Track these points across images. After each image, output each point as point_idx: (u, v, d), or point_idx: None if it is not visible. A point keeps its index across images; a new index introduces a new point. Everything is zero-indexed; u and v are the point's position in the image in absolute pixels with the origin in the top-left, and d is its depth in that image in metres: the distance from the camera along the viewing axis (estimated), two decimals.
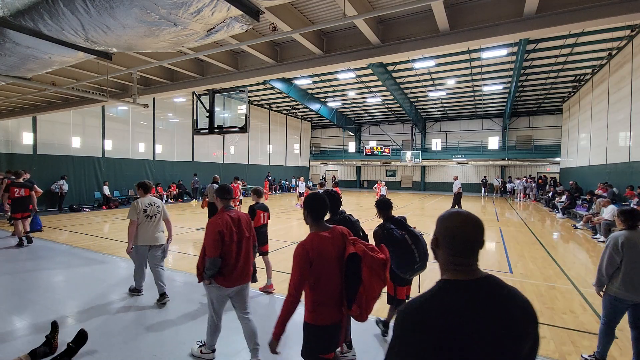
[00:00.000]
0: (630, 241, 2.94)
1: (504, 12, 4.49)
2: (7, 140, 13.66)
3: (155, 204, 4.66)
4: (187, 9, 3.02)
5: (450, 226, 1.11)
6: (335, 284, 2.12)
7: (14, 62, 4.65)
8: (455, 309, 1.00)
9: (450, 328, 0.97)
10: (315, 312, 2.13)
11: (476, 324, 0.98)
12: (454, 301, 1.02)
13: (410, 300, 1.07)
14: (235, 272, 3.03)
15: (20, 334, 3.62)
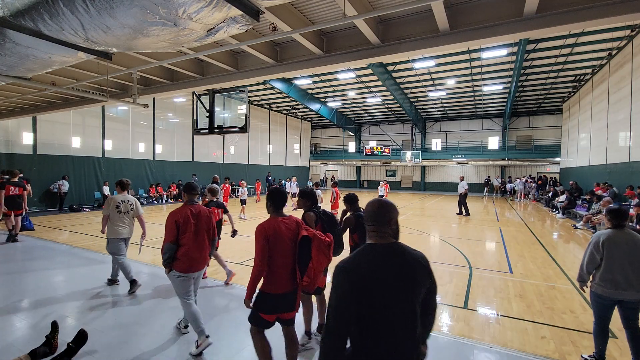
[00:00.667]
0: (611, 240, 3.00)
1: (504, 12, 4.49)
2: (7, 140, 13.66)
3: (129, 202, 5.01)
4: (187, 9, 3.02)
5: (372, 208, 1.62)
6: (289, 260, 2.65)
7: (14, 62, 4.65)
8: (372, 261, 1.49)
9: (369, 273, 1.45)
10: (270, 283, 2.64)
11: (386, 270, 1.47)
12: (371, 257, 1.51)
13: (343, 259, 1.52)
14: (193, 260, 3.42)
15: (20, 334, 3.62)
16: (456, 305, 4.62)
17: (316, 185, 10.09)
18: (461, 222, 12.45)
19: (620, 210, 3.08)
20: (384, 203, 1.63)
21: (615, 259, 2.96)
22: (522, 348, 3.47)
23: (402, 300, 1.46)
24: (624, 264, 2.93)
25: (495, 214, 15.22)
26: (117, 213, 4.86)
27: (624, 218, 3.06)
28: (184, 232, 3.38)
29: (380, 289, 1.44)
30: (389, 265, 1.49)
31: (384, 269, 1.48)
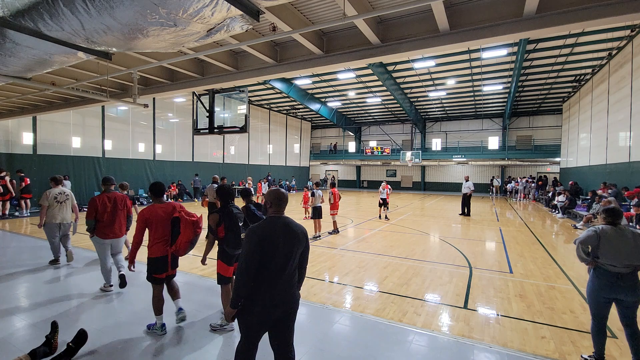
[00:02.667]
0: (606, 233, 3.07)
1: (504, 12, 4.49)
2: (7, 140, 13.65)
3: (65, 193, 6.15)
4: (187, 9, 3.02)
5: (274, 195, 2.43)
6: (164, 233, 3.63)
7: (14, 62, 4.64)
8: (270, 227, 2.30)
9: (268, 234, 2.26)
10: (151, 250, 3.63)
11: (278, 233, 2.28)
12: (270, 224, 2.32)
13: (254, 225, 2.33)
14: (109, 230, 4.88)
15: (20, 334, 3.62)
16: (456, 305, 4.62)
17: (316, 185, 10.09)
18: (461, 222, 12.45)
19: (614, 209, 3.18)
20: (282, 192, 2.47)
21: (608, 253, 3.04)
22: (522, 348, 3.47)
23: (285, 252, 2.30)
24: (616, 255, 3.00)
25: (495, 214, 15.22)
26: (56, 203, 5.97)
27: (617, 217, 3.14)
28: (102, 212, 4.80)
29: (273, 244, 2.26)
30: (280, 230, 2.31)
31: (277, 232, 2.30)
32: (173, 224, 3.61)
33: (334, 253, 7.42)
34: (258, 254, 2.21)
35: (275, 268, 2.25)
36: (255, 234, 2.25)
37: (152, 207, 3.64)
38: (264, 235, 2.25)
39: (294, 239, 2.33)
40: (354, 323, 3.98)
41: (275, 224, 2.33)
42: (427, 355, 3.29)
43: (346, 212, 14.76)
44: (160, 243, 3.61)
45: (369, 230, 10.44)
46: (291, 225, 2.38)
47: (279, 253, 2.26)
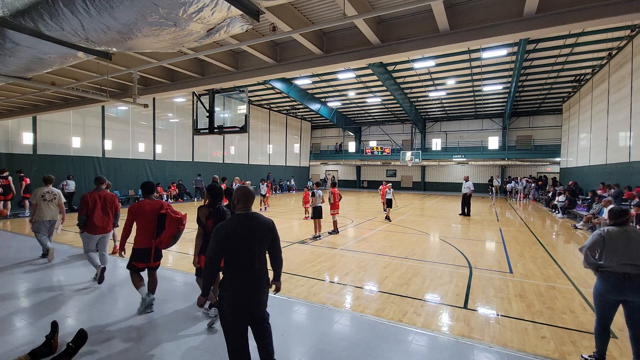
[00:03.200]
0: (611, 235, 3.07)
1: (504, 12, 4.49)
2: (7, 140, 13.65)
3: (52, 192, 6.36)
4: (187, 9, 3.02)
5: (241, 192, 2.59)
6: (150, 227, 4.01)
7: (14, 62, 4.64)
8: (238, 222, 2.48)
9: (233, 229, 2.43)
10: (137, 241, 3.98)
11: (242, 228, 2.46)
12: (236, 221, 2.49)
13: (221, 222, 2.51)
14: (97, 227, 5.12)
15: (20, 334, 3.62)
16: (456, 305, 4.62)
17: (316, 185, 10.09)
18: (461, 222, 12.45)
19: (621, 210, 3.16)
20: (248, 190, 2.63)
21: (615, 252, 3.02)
22: (522, 348, 3.47)
23: (253, 244, 2.49)
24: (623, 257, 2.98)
25: (495, 214, 15.22)
26: (43, 201, 6.21)
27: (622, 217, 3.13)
28: (93, 209, 5.07)
29: (237, 239, 2.45)
30: (245, 226, 2.49)
31: (241, 227, 2.48)
32: (159, 220, 4.03)
33: (334, 253, 7.42)
34: (224, 248, 2.43)
35: (243, 259, 2.47)
36: (222, 229, 2.45)
37: (140, 203, 4.05)
38: (231, 231, 2.45)
39: (261, 232, 2.54)
40: (354, 323, 3.98)
41: (243, 220, 2.53)
42: (427, 355, 3.29)
43: (346, 212, 14.76)
44: (146, 236, 3.99)
45: (369, 230, 10.44)
46: (258, 219, 2.57)
47: (246, 246, 2.47)
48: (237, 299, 2.44)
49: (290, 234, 9.79)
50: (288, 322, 4.00)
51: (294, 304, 4.50)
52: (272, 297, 4.72)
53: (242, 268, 2.46)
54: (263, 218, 2.60)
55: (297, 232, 10.10)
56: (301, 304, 4.49)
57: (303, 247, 8.01)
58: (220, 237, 2.41)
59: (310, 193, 9.68)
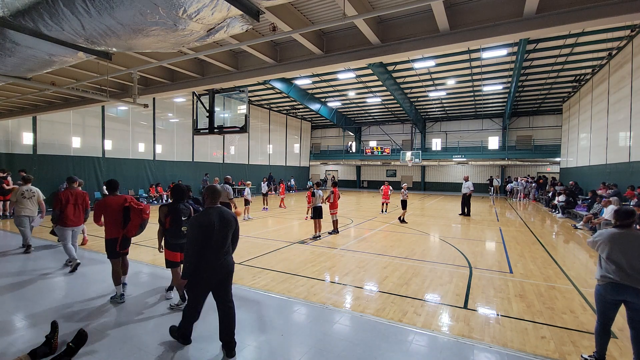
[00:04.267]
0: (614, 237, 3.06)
1: (504, 12, 4.50)
2: (7, 140, 13.65)
3: (31, 190, 6.99)
4: (187, 9, 3.02)
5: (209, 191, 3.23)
6: (118, 219, 4.52)
7: (14, 62, 4.64)
8: (208, 214, 3.11)
9: (206, 220, 3.07)
10: (107, 232, 4.54)
11: (214, 219, 3.10)
12: (208, 213, 3.12)
13: (196, 214, 3.25)
14: (69, 220, 5.81)
15: (20, 334, 3.62)
16: (456, 305, 4.62)
17: (317, 185, 10.09)
18: (461, 222, 12.45)
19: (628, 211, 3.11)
20: (216, 188, 3.27)
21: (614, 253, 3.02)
22: (522, 348, 3.47)
23: (221, 233, 3.14)
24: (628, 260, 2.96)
25: (495, 214, 15.22)
26: (23, 198, 6.86)
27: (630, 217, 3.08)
28: (65, 205, 5.75)
29: (211, 227, 3.07)
30: (215, 217, 3.13)
31: (213, 219, 3.10)
32: (125, 212, 4.55)
33: (334, 253, 7.42)
34: (199, 236, 3.03)
35: (214, 245, 3.10)
36: (197, 221, 3.09)
37: (106, 199, 4.56)
38: (203, 222, 3.07)
39: (226, 223, 3.19)
40: (354, 323, 3.98)
41: (212, 213, 3.15)
42: (427, 355, 3.29)
43: (346, 212, 14.76)
44: (113, 227, 4.52)
45: (369, 230, 10.44)
46: (224, 212, 3.21)
47: (215, 234, 3.09)
48: (211, 276, 3.12)
49: (290, 234, 9.79)
50: (288, 322, 4.00)
51: (294, 304, 4.50)
52: (272, 297, 4.73)
53: (215, 252, 3.12)
54: (228, 211, 3.28)
55: (297, 232, 10.10)
56: (301, 304, 4.49)
57: (303, 247, 8.01)
58: (197, 227, 3.06)
59: (311, 193, 9.69)
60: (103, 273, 5.56)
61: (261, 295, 4.83)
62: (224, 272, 3.20)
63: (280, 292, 4.94)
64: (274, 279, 5.60)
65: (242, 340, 3.49)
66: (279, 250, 7.61)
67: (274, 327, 3.83)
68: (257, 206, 16.42)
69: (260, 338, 3.57)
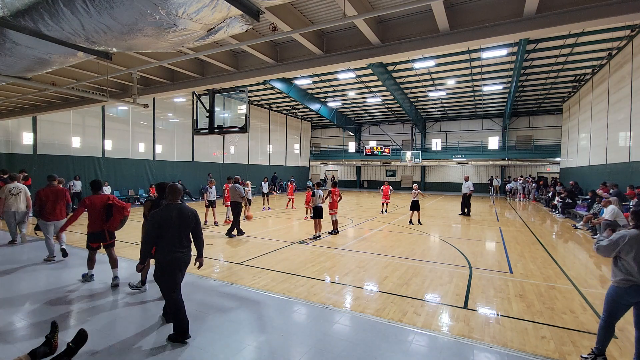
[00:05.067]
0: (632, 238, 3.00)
1: (504, 12, 4.50)
2: (7, 140, 13.66)
3: (18, 187, 7.39)
4: (187, 9, 3.03)
5: (170, 189, 3.57)
6: (101, 215, 5.05)
7: (14, 62, 4.65)
8: (167, 210, 3.48)
9: (165, 216, 3.45)
10: (91, 227, 5.06)
11: (171, 214, 3.47)
12: (167, 209, 3.50)
13: (154, 210, 3.58)
14: (50, 215, 6.35)
15: (20, 334, 3.62)
16: (456, 305, 4.62)
17: (317, 185, 10.09)
18: (461, 222, 12.45)
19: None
20: (176, 186, 3.61)
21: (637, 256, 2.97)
22: (522, 348, 3.47)
23: (178, 227, 3.48)
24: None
25: (495, 214, 15.22)
26: (10, 195, 7.26)
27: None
28: (46, 201, 6.28)
29: (168, 222, 3.43)
30: (174, 213, 3.48)
31: (172, 214, 3.46)
32: (108, 209, 5.09)
33: (334, 253, 7.42)
34: (157, 229, 3.43)
35: (171, 237, 3.46)
36: (156, 216, 3.47)
37: (91, 197, 5.08)
38: (162, 217, 3.45)
39: (184, 218, 3.53)
40: (354, 323, 3.98)
41: (171, 209, 3.50)
42: (427, 355, 3.29)
43: (346, 212, 14.76)
44: (98, 222, 5.06)
45: (369, 230, 10.44)
46: (182, 209, 3.56)
47: (173, 228, 3.46)
48: (171, 261, 3.47)
49: (290, 234, 9.79)
50: (288, 322, 4.00)
51: (294, 304, 4.50)
52: (272, 296, 4.73)
53: (171, 243, 3.46)
54: (188, 208, 3.61)
55: (297, 232, 10.10)
56: (301, 304, 4.49)
57: (303, 247, 8.01)
58: (155, 221, 3.43)
59: (311, 193, 9.69)
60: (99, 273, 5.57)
61: (261, 295, 4.83)
62: (181, 263, 3.52)
63: (280, 292, 4.94)
64: (274, 279, 5.60)
65: (242, 341, 3.49)
66: (279, 250, 7.61)
67: (274, 327, 3.83)
68: (258, 206, 16.41)
69: (260, 338, 3.57)
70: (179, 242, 3.48)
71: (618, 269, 3.10)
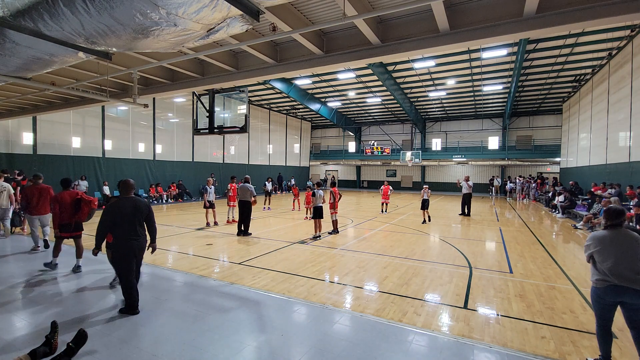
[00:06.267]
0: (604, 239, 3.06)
1: (504, 12, 4.50)
2: (7, 140, 13.66)
3: (2, 185, 7.84)
4: (187, 9, 3.03)
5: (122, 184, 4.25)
6: (70, 209, 5.65)
7: (14, 62, 4.64)
8: (121, 203, 4.05)
9: (119, 207, 4.01)
10: (61, 218, 5.60)
11: (125, 205, 4.04)
12: (121, 202, 4.07)
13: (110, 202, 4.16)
14: (35, 210, 6.87)
15: (20, 334, 3.62)
16: (456, 305, 4.62)
17: (317, 185, 10.09)
18: (461, 222, 12.45)
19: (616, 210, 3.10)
20: (129, 182, 4.21)
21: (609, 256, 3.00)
22: (522, 348, 3.47)
23: (131, 218, 3.99)
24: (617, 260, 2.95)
25: (495, 214, 15.22)
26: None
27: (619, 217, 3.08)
28: (31, 197, 6.81)
29: (122, 213, 3.96)
30: (127, 205, 4.01)
31: (125, 206, 3.99)
32: (77, 203, 5.75)
33: (334, 253, 7.42)
34: (110, 220, 3.96)
35: (126, 227, 3.99)
36: (110, 207, 4.01)
37: (61, 193, 5.71)
38: (116, 209, 3.98)
39: (137, 210, 4.07)
40: (354, 323, 3.98)
41: (125, 202, 4.05)
42: (427, 355, 3.29)
43: (346, 212, 14.76)
44: (67, 214, 5.67)
45: (369, 230, 10.44)
46: (135, 201, 4.12)
47: (126, 218, 3.98)
48: (127, 248, 3.99)
49: (290, 234, 9.79)
50: (288, 322, 4.00)
51: (294, 304, 4.50)
52: (272, 297, 4.73)
53: (125, 232, 3.99)
54: (140, 200, 4.20)
55: (297, 232, 10.10)
56: (301, 304, 4.49)
57: (303, 247, 8.01)
58: (110, 212, 3.97)
59: (312, 193, 9.68)
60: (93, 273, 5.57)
61: (261, 295, 4.83)
62: (135, 250, 4.05)
63: (280, 292, 4.94)
64: (274, 279, 5.60)
65: (242, 341, 3.49)
66: (279, 250, 7.61)
67: (274, 327, 3.83)
68: (258, 206, 16.42)
69: (260, 338, 3.57)
70: (133, 231, 4.01)
71: (595, 269, 3.15)
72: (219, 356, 3.20)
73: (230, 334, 3.62)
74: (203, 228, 10.40)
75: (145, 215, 4.13)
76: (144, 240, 4.17)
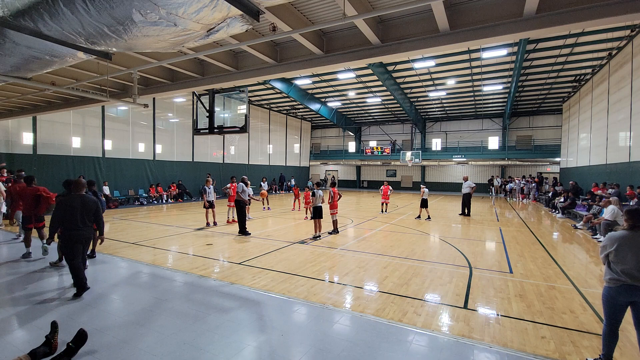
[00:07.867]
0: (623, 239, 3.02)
1: (504, 12, 4.50)
2: (7, 140, 13.66)
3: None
4: (187, 9, 3.03)
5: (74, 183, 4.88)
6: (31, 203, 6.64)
7: (14, 62, 4.65)
8: (71, 198, 4.72)
9: (69, 202, 4.67)
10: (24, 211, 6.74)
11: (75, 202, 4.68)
12: (71, 198, 4.73)
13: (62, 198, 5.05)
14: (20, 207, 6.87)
15: (20, 334, 3.62)
16: (456, 305, 4.62)
17: (317, 185, 10.09)
18: (461, 222, 12.45)
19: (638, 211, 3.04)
20: (80, 180, 4.88)
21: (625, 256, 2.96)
22: (522, 348, 3.47)
23: (79, 211, 4.62)
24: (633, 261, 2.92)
25: (495, 214, 15.22)
26: None
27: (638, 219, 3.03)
28: (18, 198, 6.92)
29: (72, 208, 4.60)
30: (76, 201, 4.66)
31: (75, 202, 4.65)
32: (37, 198, 6.56)
33: (334, 253, 7.42)
34: (61, 214, 4.55)
35: (73, 219, 4.56)
36: (61, 202, 4.65)
37: (24, 189, 6.58)
38: (67, 203, 4.59)
39: (85, 205, 4.66)
40: (354, 323, 3.98)
41: (74, 198, 4.66)
42: (427, 355, 3.29)
43: (346, 212, 14.76)
44: (29, 208, 6.58)
45: (369, 230, 10.44)
46: (84, 198, 4.71)
47: (75, 212, 4.57)
48: (72, 236, 4.55)
49: (290, 234, 9.79)
50: (288, 322, 4.00)
51: (294, 304, 4.50)
52: (272, 296, 4.73)
53: (73, 224, 4.56)
54: (90, 197, 4.79)
55: (297, 232, 10.10)
56: (301, 304, 4.49)
57: (303, 247, 8.01)
58: (61, 207, 4.57)
59: (311, 193, 9.68)
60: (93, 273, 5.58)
61: (261, 295, 4.83)
62: (82, 239, 4.65)
63: (280, 292, 4.94)
64: (274, 279, 5.60)
65: (242, 340, 3.49)
66: (279, 250, 7.61)
67: (274, 327, 3.83)
68: (258, 206, 16.41)
69: (260, 338, 3.57)
70: (80, 222, 4.60)
71: (608, 268, 3.13)
72: (219, 356, 3.20)
73: (230, 334, 3.62)
74: (203, 228, 10.40)
75: (92, 211, 4.73)
76: (89, 231, 4.75)
